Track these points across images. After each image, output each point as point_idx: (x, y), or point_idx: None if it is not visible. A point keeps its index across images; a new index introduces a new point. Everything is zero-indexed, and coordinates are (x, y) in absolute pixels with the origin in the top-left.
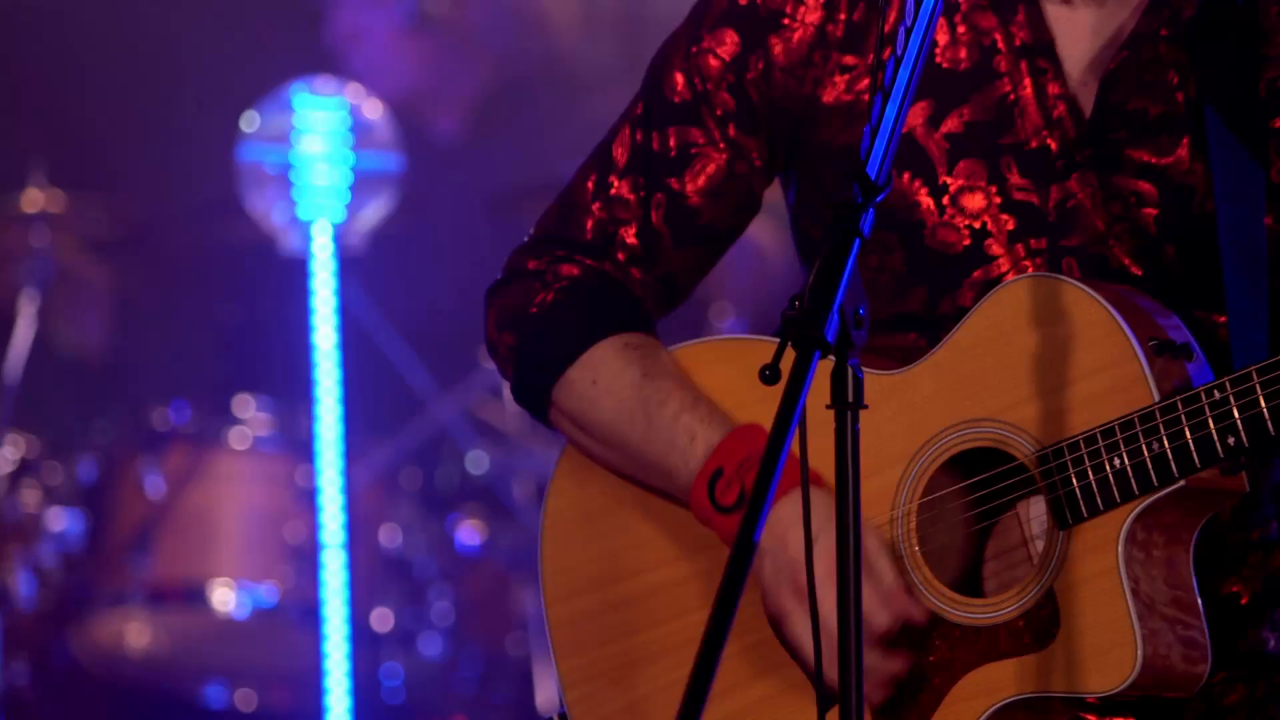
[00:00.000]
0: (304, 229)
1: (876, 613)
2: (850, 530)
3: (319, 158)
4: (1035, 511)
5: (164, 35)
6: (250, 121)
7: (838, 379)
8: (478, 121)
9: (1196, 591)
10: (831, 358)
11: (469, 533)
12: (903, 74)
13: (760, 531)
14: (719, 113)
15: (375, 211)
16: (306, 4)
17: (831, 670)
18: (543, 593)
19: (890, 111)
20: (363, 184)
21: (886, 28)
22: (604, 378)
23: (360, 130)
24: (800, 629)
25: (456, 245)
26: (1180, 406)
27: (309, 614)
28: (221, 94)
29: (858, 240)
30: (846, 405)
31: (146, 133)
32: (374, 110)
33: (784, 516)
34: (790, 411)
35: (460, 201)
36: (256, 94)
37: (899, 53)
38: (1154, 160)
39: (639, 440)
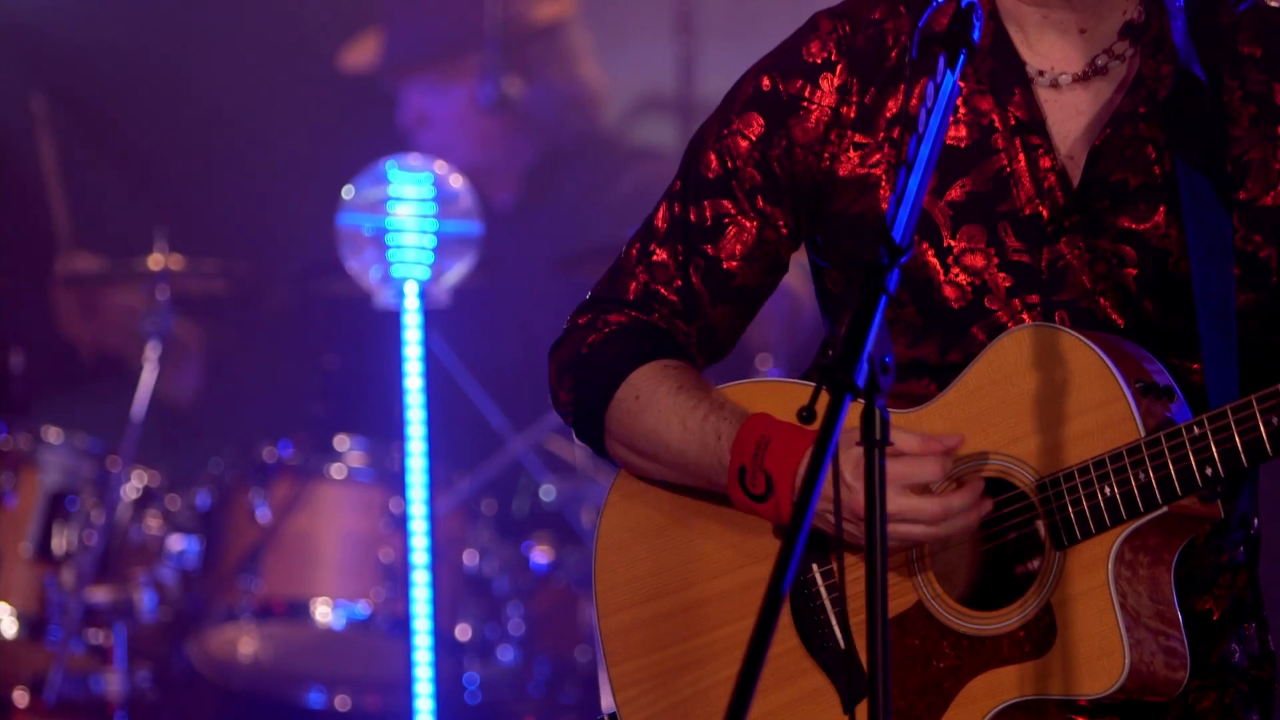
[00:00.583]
0: (396, 286)
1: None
2: (878, 548)
3: (408, 224)
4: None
5: (271, 117)
6: (350, 192)
7: (867, 419)
8: (528, 191)
9: (1176, 606)
10: (861, 400)
11: (540, 555)
12: (924, 150)
13: (803, 540)
14: (748, 186)
15: (457, 271)
16: (381, 91)
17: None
18: (595, 606)
19: (913, 183)
20: (446, 247)
21: (909, 108)
22: (644, 393)
23: (444, 200)
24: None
25: (526, 301)
26: (1164, 441)
27: (399, 626)
28: (322, 168)
29: (884, 297)
30: (874, 443)
31: (258, 203)
32: (456, 182)
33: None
34: (825, 446)
35: (523, 261)
36: (353, 169)
37: (920, 131)
38: (1134, 226)
39: (678, 444)
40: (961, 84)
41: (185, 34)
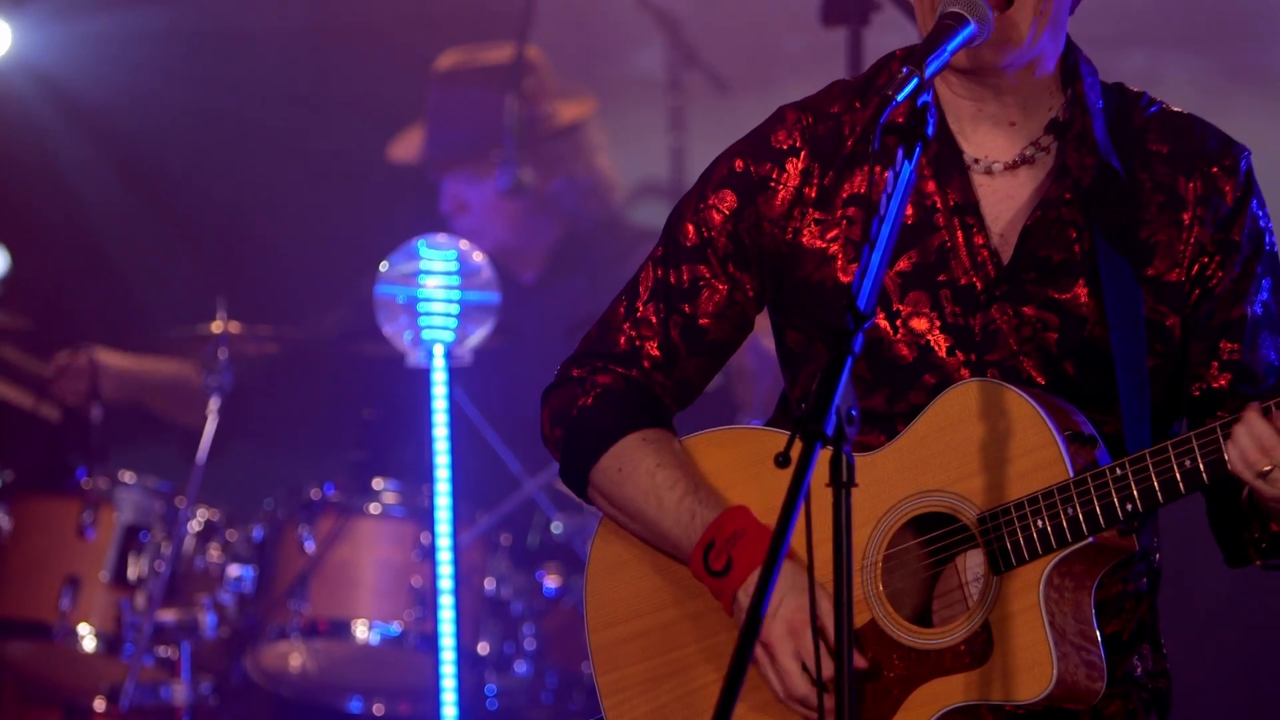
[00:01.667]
0: (425, 348)
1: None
2: (843, 577)
3: (436, 294)
4: (973, 562)
5: (319, 203)
6: (386, 266)
7: (835, 464)
8: (550, 267)
9: (1096, 626)
10: (830, 448)
11: (551, 581)
12: (885, 230)
13: (773, 588)
14: (721, 254)
15: (478, 335)
16: (423, 179)
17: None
18: (586, 624)
19: (875, 258)
20: (468, 313)
21: (861, 190)
22: (627, 466)
23: (466, 273)
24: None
25: (538, 361)
26: (1090, 481)
27: (428, 643)
28: (363, 246)
29: (850, 357)
30: (841, 484)
31: (306, 276)
32: (478, 258)
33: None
34: (799, 486)
35: (540, 328)
36: (389, 246)
37: (881, 213)
38: (1056, 296)
39: (654, 516)
40: None
41: (247, 128)
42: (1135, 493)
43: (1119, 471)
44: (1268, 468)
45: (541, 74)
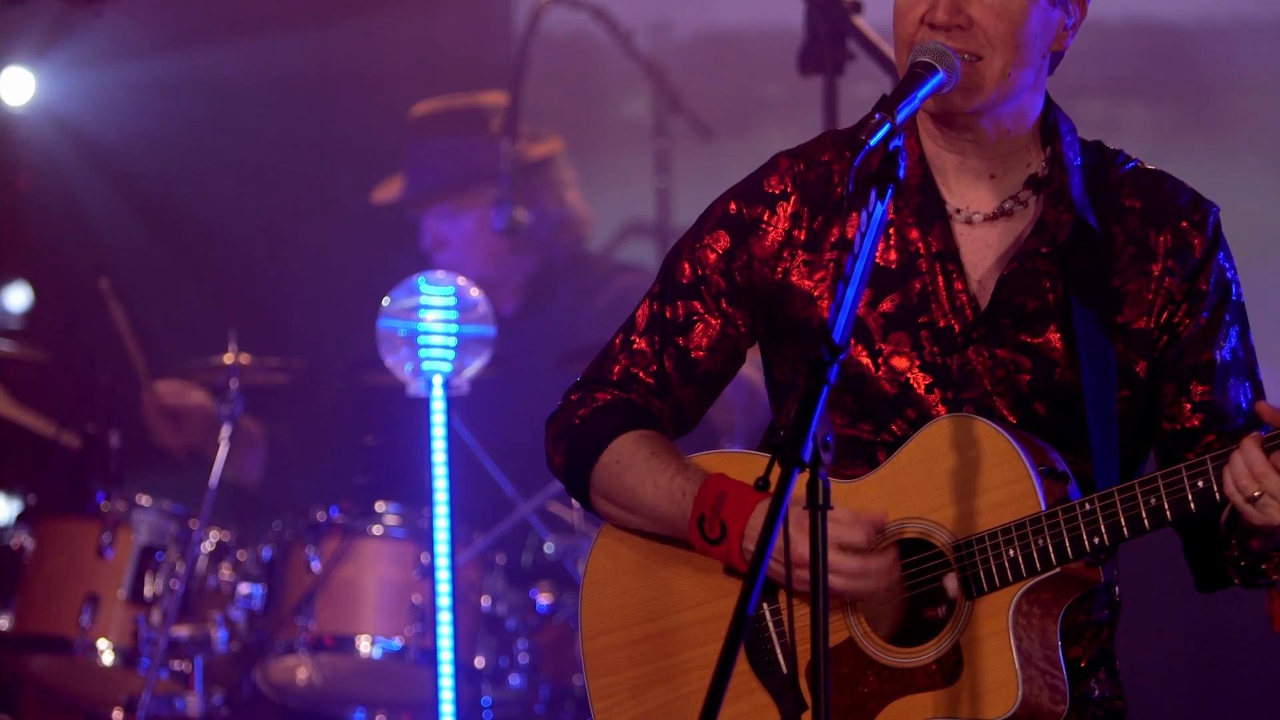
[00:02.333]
0: (425, 378)
1: (849, 531)
2: (820, 594)
3: (435, 327)
4: (948, 586)
5: (324, 241)
6: (388, 301)
7: (811, 487)
8: (528, 298)
9: (1060, 652)
10: (807, 472)
11: (544, 598)
12: (858, 267)
13: (754, 601)
14: (714, 291)
15: (474, 366)
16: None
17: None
18: (580, 632)
19: (850, 293)
20: (465, 346)
21: (848, 234)
22: (624, 457)
23: (464, 308)
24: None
25: (525, 389)
26: (1060, 514)
27: (427, 657)
28: (366, 282)
29: (826, 387)
30: (817, 506)
31: (312, 310)
32: (474, 293)
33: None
34: (778, 509)
35: (523, 357)
36: (391, 282)
37: (855, 251)
38: (1029, 340)
39: (650, 500)
40: (895, 216)
41: (257, 172)
42: (1103, 527)
43: (1088, 507)
44: (1258, 493)
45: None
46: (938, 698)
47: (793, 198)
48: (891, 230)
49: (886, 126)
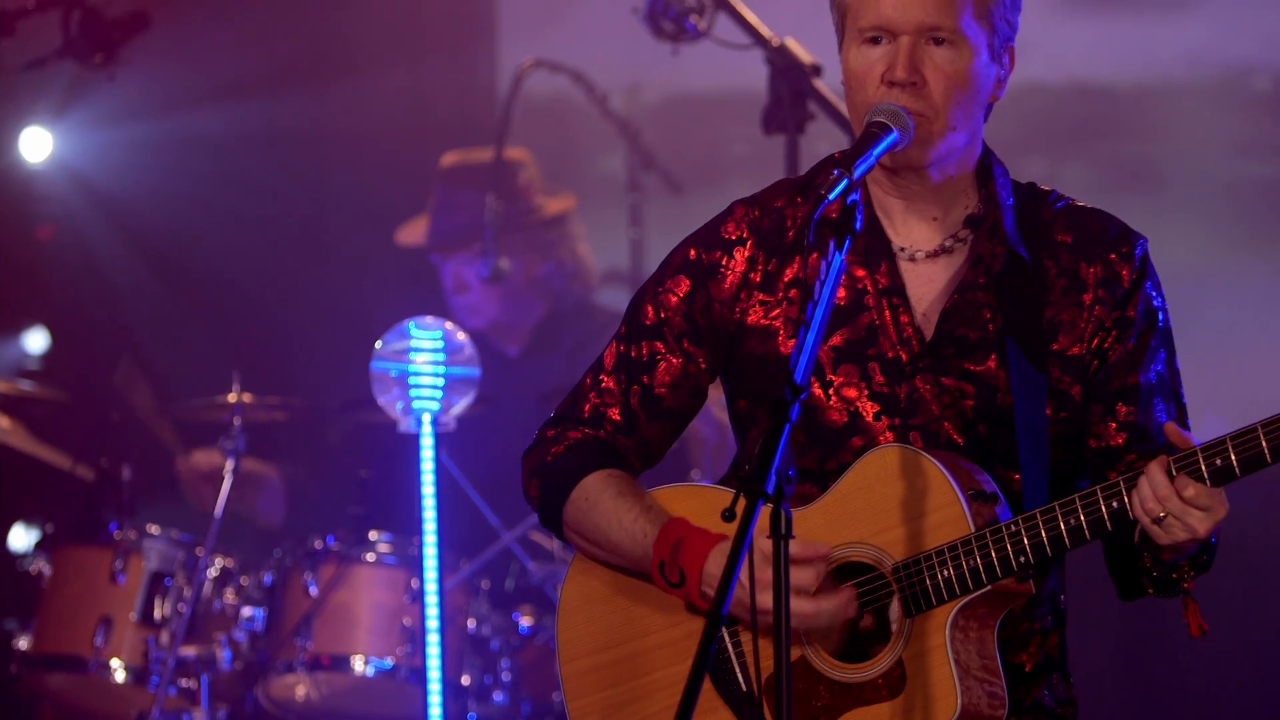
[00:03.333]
0: (415, 416)
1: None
2: (782, 618)
3: (424, 368)
4: (891, 605)
5: (322, 284)
6: (380, 344)
7: (774, 518)
8: (534, 342)
9: (999, 660)
10: (770, 504)
11: (526, 621)
12: (818, 313)
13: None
14: (676, 331)
15: (461, 405)
16: (415, 266)
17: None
18: (558, 655)
19: (810, 337)
20: (452, 386)
21: (801, 275)
22: (593, 495)
23: (451, 350)
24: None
25: (514, 427)
26: (988, 536)
27: (417, 676)
28: (361, 325)
29: (788, 425)
30: (780, 535)
31: (312, 352)
32: (461, 337)
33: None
34: (743, 538)
35: (519, 397)
36: (383, 326)
37: (815, 298)
38: (971, 368)
39: (616, 539)
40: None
41: (261, 222)
42: (1027, 546)
43: (1014, 528)
44: (1162, 514)
45: (531, 172)
46: (881, 711)
47: (749, 242)
48: None
49: (845, 182)
